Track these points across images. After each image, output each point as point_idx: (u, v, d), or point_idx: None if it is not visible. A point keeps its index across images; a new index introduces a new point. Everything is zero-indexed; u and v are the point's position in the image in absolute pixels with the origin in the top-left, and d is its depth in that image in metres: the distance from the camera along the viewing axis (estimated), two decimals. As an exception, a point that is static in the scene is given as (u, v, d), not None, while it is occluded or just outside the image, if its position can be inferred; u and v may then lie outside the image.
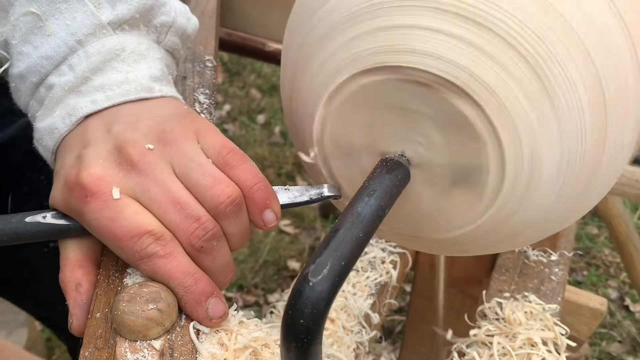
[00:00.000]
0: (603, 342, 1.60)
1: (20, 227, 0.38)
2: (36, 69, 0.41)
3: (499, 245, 0.43)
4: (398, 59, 0.35)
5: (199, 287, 0.37)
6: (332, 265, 0.30)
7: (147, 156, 0.37)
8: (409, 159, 0.38)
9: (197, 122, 0.40)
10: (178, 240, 0.37)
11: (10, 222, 0.38)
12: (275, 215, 0.39)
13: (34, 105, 0.42)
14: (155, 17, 0.44)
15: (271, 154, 2.14)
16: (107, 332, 0.35)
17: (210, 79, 0.55)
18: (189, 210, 0.36)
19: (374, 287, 0.70)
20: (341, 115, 0.39)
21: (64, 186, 0.38)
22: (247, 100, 2.44)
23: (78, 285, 0.38)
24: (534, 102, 0.34)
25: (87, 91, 0.40)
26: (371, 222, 0.33)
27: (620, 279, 1.77)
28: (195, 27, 0.49)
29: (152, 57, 0.43)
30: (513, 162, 0.35)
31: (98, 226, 0.36)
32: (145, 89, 0.41)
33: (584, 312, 0.79)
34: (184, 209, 0.36)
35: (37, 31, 0.40)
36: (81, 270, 0.39)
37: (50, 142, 0.41)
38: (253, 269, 1.76)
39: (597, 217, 1.88)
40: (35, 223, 0.38)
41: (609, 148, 0.36)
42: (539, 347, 0.56)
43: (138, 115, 0.39)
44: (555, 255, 0.70)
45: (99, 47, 0.41)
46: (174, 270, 0.36)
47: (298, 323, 0.29)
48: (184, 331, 0.36)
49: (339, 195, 0.42)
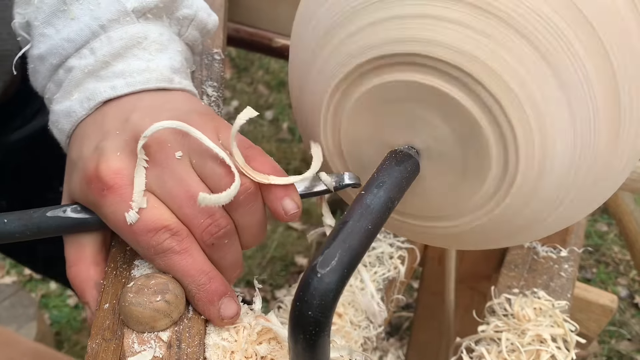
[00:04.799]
0: (612, 340, 1.59)
1: (42, 221, 0.38)
2: (57, 51, 0.40)
3: (511, 238, 0.43)
4: (406, 48, 0.34)
5: (213, 286, 0.36)
6: (340, 256, 0.30)
7: (165, 149, 0.37)
8: (418, 151, 0.38)
9: (216, 119, 0.40)
10: (191, 233, 0.37)
11: (32, 217, 0.38)
12: (296, 203, 0.38)
13: (52, 87, 0.42)
14: (178, 9, 0.45)
15: (279, 150, 2.14)
16: (115, 323, 0.35)
17: (218, 72, 0.55)
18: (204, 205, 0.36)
19: (382, 282, 0.70)
20: (350, 107, 0.39)
21: (82, 178, 0.38)
22: (255, 96, 2.44)
23: (97, 283, 0.39)
24: (542, 88, 0.33)
25: (106, 76, 0.40)
26: (380, 213, 0.32)
27: (630, 277, 1.76)
28: (215, 23, 0.49)
29: (173, 48, 0.43)
30: (525, 151, 0.35)
31: (115, 219, 0.36)
32: (166, 79, 0.41)
33: (593, 309, 0.79)
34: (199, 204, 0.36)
35: (60, 14, 0.40)
36: (98, 268, 0.39)
37: (67, 125, 0.41)
38: (260, 264, 1.76)
39: (606, 214, 1.87)
40: (56, 217, 0.38)
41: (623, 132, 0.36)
42: (548, 344, 0.55)
43: (158, 106, 0.39)
44: (565, 251, 0.70)
45: (121, 34, 0.40)
46: (188, 267, 0.36)
47: (306, 315, 0.29)
48: (192, 323, 0.36)
49: (359, 184, 0.41)
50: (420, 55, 0.34)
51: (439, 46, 0.34)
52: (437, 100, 0.35)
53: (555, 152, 0.35)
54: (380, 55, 0.35)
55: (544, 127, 0.34)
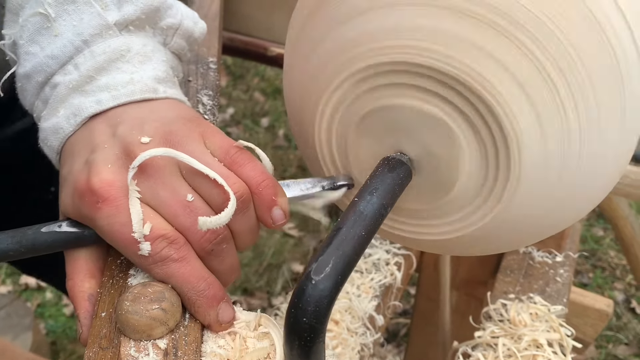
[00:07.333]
0: (610, 344, 1.59)
1: (37, 238, 0.38)
2: (42, 69, 0.41)
3: (506, 244, 0.43)
4: (393, 57, 0.35)
5: (212, 292, 0.37)
6: (334, 263, 0.30)
7: (155, 159, 0.37)
8: (410, 158, 0.38)
9: (203, 124, 0.40)
10: (188, 241, 0.37)
11: (27, 234, 0.38)
12: (284, 212, 0.39)
13: (39, 105, 0.42)
14: (162, 19, 0.45)
15: (275, 157, 2.14)
16: (112, 331, 0.36)
17: (214, 80, 0.55)
18: (199, 213, 0.36)
19: (379, 288, 0.70)
20: (343, 114, 0.39)
21: (74, 192, 0.37)
22: (250, 104, 2.44)
23: (90, 296, 0.38)
24: (532, 97, 0.34)
25: (91, 91, 0.40)
26: (373, 220, 0.33)
27: (627, 282, 1.76)
28: (202, 30, 0.49)
29: (157, 58, 0.43)
30: (518, 162, 0.35)
31: (110, 231, 0.36)
32: (150, 89, 0.41)
33: (590, 313, 0.79)
34: (194, 212, 0.36)
35: (44, 31, 0.41)
36: (93, 281, 0.39)
37: (55, 142, 0.41)
38: (257, 271, 1.76)
39: (602, 218, 1.88)
40: (51, 233, 0.38)
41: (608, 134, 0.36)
42: (545, 349, 0.56)
43: (143, 117, 0.39)
44: (560, 256, 0.70)
45: (104, 47, 0.41)
46: (187, 274, 0.36)
47: (301, 321, 0.29)
48: (188, 330, 0.36)
49: (352, 184, 0.42)
50: (408, 63, 0.35)
51: (431, 58, 0.34)
52: (420, 116, 0.36)
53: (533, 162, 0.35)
54: (368, 66, 0.36)
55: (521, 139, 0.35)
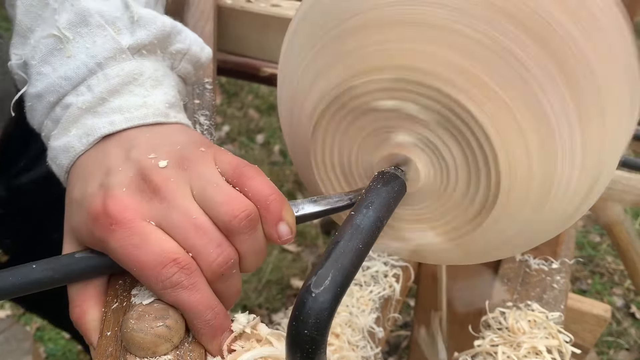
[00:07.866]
0: (611, 350, 1.59)
1: (72, 263, 0.37)
2: (54, 89, 0.41)
3: (499, 253, 0.44)
4: (386, 75, 0.36)
5: (218, 322, 0.37)
6: (333, 276, 0.31)
7: (169, 183, 0.37)
8: (404, 172, 0.39)
9: (212, 147, 0.41)
10: (199, 265, 0.37)
11: (61, 261, 0.37)
12: (290, 228, 0.39)
13: (49, 124, 0.43)
14: (172, 44, 0.46)
15: (271, 172, 2.15)
16: (117, 350, 0.36)
17: (210, 100, 0.56)
18: (210, 236, 0.36)
19: (378, 301, 0.71)
20: (337, 130, 0.40)
21: (87, 215, 0.37)
22: (245, 121, 2.46)
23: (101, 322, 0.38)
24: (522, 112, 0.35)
25: (104, 112, 0.41)
26: (370, 233, 0.33)
27: (625, 287, 1.77)
28: (209, 56, 0.50)
29: (167, 83, 0.44)
30: (507, 174, 0.36)
31: (123, 254, 0.36)
32: (162, 114, 0.42)
33: (587, 319, 0.79)
34: (206, 235, 0.36)
35: (57, 53, 0.41)
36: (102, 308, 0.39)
37: (65, 160, 0.41)
38: (257, 288, 1.76)
39: (598, 224, 1.88)
40: (85, 258, 0.38)
41: None
42: (544, 356, 0.56)
43: (156, 141, 0.40)
44: (556, 263, 0.71)
45: (118, 70, 0.42)
46: (196, 302, 0.36)
47: (302, 334, 0.30)
48: (192, 346, 0.37)
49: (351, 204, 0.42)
50: (403, 79, 0.36)
51: (420, 72, 0.35)
52: (415, 125, 0.37)
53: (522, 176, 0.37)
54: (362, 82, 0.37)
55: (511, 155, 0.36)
